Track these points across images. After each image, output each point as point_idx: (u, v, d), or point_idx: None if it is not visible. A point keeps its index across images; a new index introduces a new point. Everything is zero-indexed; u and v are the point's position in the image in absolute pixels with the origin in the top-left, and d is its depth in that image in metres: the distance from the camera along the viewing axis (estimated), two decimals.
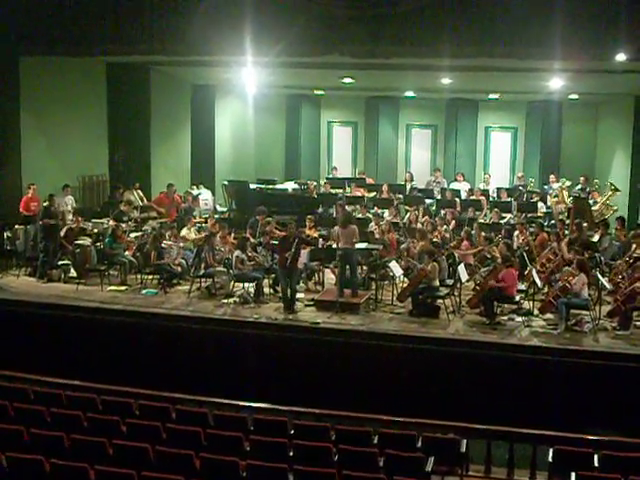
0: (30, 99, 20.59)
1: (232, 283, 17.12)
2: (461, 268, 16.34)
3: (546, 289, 16.18)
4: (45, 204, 18.79)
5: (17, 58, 20.02)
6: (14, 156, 20.38)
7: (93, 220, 20.25)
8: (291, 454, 9.80)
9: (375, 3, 16.71)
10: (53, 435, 9.95)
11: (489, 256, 17.10)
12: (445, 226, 19.90)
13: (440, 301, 16.03)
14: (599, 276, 15.80)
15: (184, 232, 19.24)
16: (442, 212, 21.90)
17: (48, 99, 21.21)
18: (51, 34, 18.68)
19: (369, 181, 25.86)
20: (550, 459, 10.01)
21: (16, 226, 19.30)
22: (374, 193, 24.15)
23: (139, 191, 22.83)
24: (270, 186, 25.35)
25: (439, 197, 23.71)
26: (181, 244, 18.43)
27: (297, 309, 16.15)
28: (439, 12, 16.50)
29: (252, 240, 18.37)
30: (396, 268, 16.47)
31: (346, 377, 14.49)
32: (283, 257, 15.99)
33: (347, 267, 16.61)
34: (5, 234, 19.01)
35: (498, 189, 24.06)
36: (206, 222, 21.05)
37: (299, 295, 16.71)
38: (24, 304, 16.70)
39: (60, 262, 18.47)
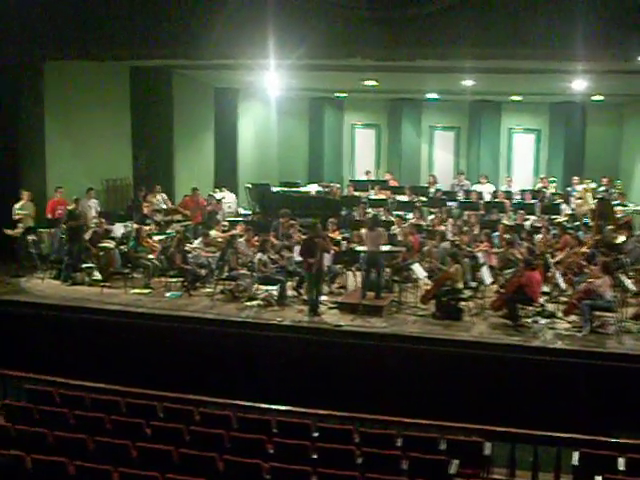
0: (55, 103, 20.78)
1: (255, 286, 17.15)
2: (484, 270, 16.30)
3: (570, 291, 16.11)
4: (70, 207, 18.90)
5: (42, 62, 20.20)
6: (39, 160, 20.56)
7: (118, 224, 20.33)
8: (314, 457, 9.80)
9: (397, 5, 16.68)
10: (77, 437, 9.99)
11: (513, 258, 17.04)
12: (467, 227, 19.86)
13: (463, 303, 16.00)
14: (623, 278, 15.72)
15: (212, 234, 19.29)
16: (465, 215, 21.86)
17: (72, 103, 21.38)
18: (75, 39, 18.79)
19: (393, 183, 25.84)
20: (575, 462, 9.95)
21: (41, 229, 19.41)
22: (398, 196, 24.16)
23: (163, 194, 22.93)
24: (293, 189, 25.40)
25: (462, 199, 23.67)
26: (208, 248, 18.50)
27: (320, 312, 16.15)
28: (461, 14, 16.45)
29: (276, 243, 18.42)
30: (419, 270, 16.46)
31: (369, 380, 14.47)
32: (307, 261, 16.01)
33: (373, 270, 16.60)
34: (30, 237, 19.12)
35: (522, 191, 24.00)
36: (230, 225, 21.09)
37: (322, 298, 16.69)
38: (49, 307, 16.79)
39: (84, 265, 18.56)
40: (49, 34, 18.83)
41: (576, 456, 9.98)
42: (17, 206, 19.20)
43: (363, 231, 17.05)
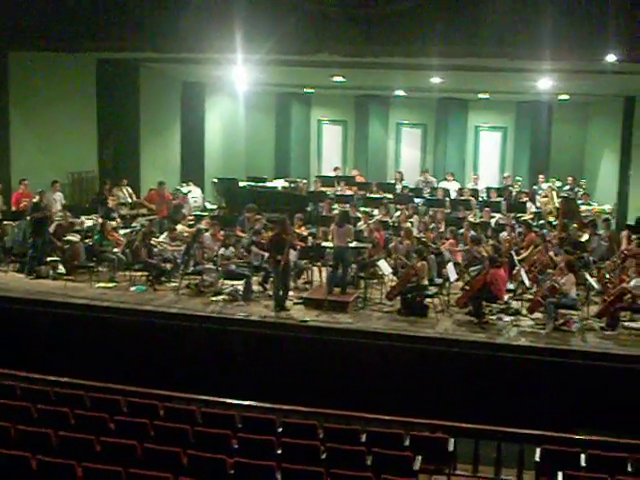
0: (19, 95, 20.59)
1: (221, 281, 17.12)
2: (450, 267, 16.37)
3: (534, 289, 16.21)
4: (35, 200, 18.76)
5: (6, 53, 20.01)
6: (3, 152, 20.38)
7: (83, 217, 20.21)
8: (279, 452, 9.81)
9: (366, 2, 16.71)
10: (40, 432, 9.92)
11: (478, 256, 17.13)
12: (434, 224, 19.95)
13: (429, 300, 16.05)
14: (587, 276, 15.85)
15: (179, 229, 19.21)
16: (431, 211, 21.95)
17: (38, 95, 21.17)
18: (41, 29, 18.61)
19: (359, 179, 25.88)
20: (537, 458, 10.03)
21: (5, 222, 19.24)
22: (364, 192, 24.20)
23: (128, 188, 22.82)
24: (260, 184, 25.37)
25: (429, 196, 23.75)
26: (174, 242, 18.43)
27: (288, 307, 16.13)
28: (429, 12, 16.50)
29: (244, 238, 18.40)
30: (385, 267, 16.50)
31: (334, 375, 14.48)
32: (274, 257, 15.98)
33: (339, 266, 16.61)
34: None
35: (488, 189, 24.12)
36: (195, 219, 21.04)
37: (289, 293, 16.67)
38: (12, 300, 16.65)
39: (49, 258, 18.42)
40: (13, 25, 18.65)
41: (538, 452, 10.06)
42: None
43: (332, 227, 17.03)
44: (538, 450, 10.09)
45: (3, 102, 20.31)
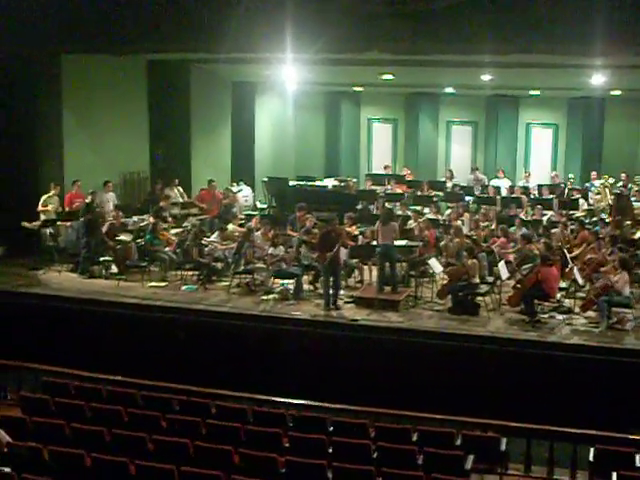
0: (72, 97, 20.84)
1: (272, 280, 17.17)
2: (501, 265, 16.25)
3: (588, 287, 16.03)
4: (88, 200, 18.96)
5: (59, 56, 20.25)
6: (58, 153, 20.63)
7: (135, 217, 20.40)
8: (330, 451, 9.82)
9: (415, 0, 16.65)
10: (94, 430, 10.04)
11: (530, 254, 16.97)
12: (487, 222, 19.81)
13: (480, 298, 15.96)
14: None
15: (230, 228, 19.28)
16: (482, 209, 21.78)
17: (90, 97, 21.42)
18: (93, 32, 18.81)
19: (409, 177, 25.77)
20: (591, 458, 9.93)
21: (59, 222, 19.47)
22: (414, 190, 24.12)
23: (179, 187, 22.98)
24: (310, 183, 25.38)
25: (479, 194, 23.59)
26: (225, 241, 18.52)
27: (339, 306, 16.13)
28: (479, 8, 16.36)
29: (295, 237, 18.42)
30: (436, 265, 16.43)
31: (385, 374, 14.46)
32: (324, 255, 15.99)
33: (387, 264, 16.59)
34: (48, 230, 19.19)
35: (539, 186, 23.88)
36: (246, 219, 21.12)
37: (341, 292, 16.66)
38: (66, 300, 16.86)
39: (102, 258, 18.62)
40: (66, 28, 18.84)
41: (592, 452, 9.96)
42: (44, 197, 19.30)
43: (377, 225, 16.99)
44: (592, 450, 9.99)
45: (57, 104, 20.58)
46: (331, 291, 16.20)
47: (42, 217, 19.19)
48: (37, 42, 19.03)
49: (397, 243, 16.82)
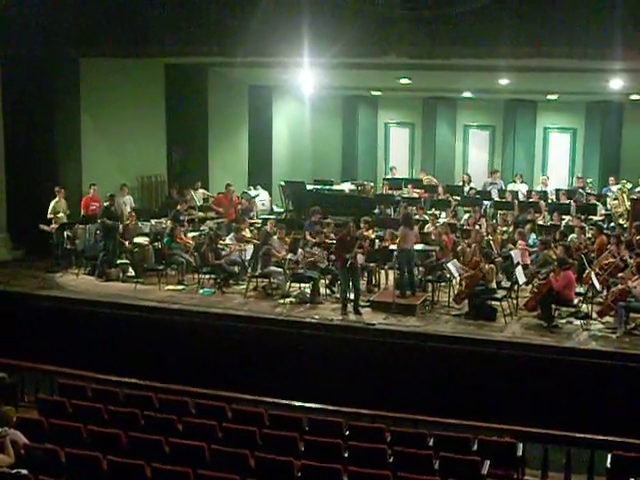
0: (90, 100, 20.96)
1: (289, 283, 17.17)
2: (518, 270, 16.20)
3: (605, 292, 15.96)
4: (105, 204, 19.03)
5: (77, 59, 20.35)
6: (75, 156, 20.76)
7: (152, 221, 20.46)
8: (346, 455, 9.80)
9: (433, 4, 16.64)
10: (110, 432, 10.07)
11: (549, 260, 16.89)
12: (505, 227, 19.76)
13: (497, 303, 15.91)
14: None
15: (245, 234, 19.29)
16: (499, 214, 21.71)
17: (108, 100, 21.53)
18: (111, 36, 18.94)
19: (427, 182, 25.73)
20: (608, 464, 9.87)
21: (76, 225, 19.55)
22: (431, 194, 24.09)
23: (203, 190, 23.09)
24: (327, 187, 25.37)
25: (497, 199, 23.53)
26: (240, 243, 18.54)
27: (360, 310, 16.10)
28: (497, 12, 16.38)
29: (310, 239, 18.42)
30: (454, 269, 16.38)
31: (402, 379, 14.44)
32: (343, 258, 15.97)
33: (408, 268, 16.56)
34: (65, 233, 19.26)
35: (557, 191, 23.80)
36: (263, 223, 21.13)
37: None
38: (83, 302, 16.92)
39: (119, 261, 18.68)
40: (84, 31, 19.00)
41: (610, 458, 9.90)
42: (52, 204, 19.38)
43: (401, 229, 16.96)
44: (609, 456, 9.93)
45: (75, 108, 20.69)
46: (351, 296, 16.20)
47: (57, 221, 19.23)
48: (56, 46, 19.19)
49: (415, 247, 16.82)
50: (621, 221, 20.68)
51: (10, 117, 20.00)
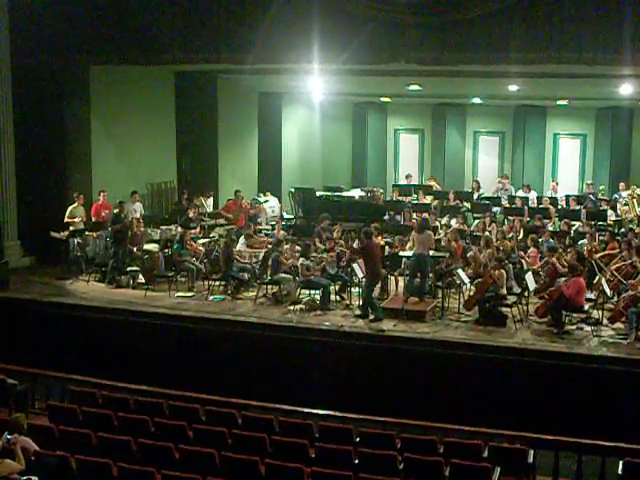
0: (100, 107, 21.04)
1: (299, 290, 17.17)
2: (529, 276, 16.17)
3: (616, 298, 15.91)
4: (115, 211, 19.07)
5: (87, 67, 20.42)
6: (85, 163, 20.82)
7: (162, 227, 20.52)
8: (356, 462, 9.79)
9: (442, 10, 16.65)
10: (121, 439, 10.08)
11: (560, 268, 16.84)
12: (513, 234, 19.72)
13: (507, 309, 15.88)
14: None
15: (254, 240, 19.32)
16: (509, 220, 21.67)
17: (118, 107, 21.62)
18: (120, 44, 19.01)
19: (436, 188, 25.73)
20: (620, 472, 9.84)
21: (86, 232, 19.59)
22: (440, 200, 24.08)
23: (210, 198, 23.16)
24: (337, 193, 25.39)
25: (506, 205, 23.49)
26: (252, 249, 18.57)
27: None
28: (506, 19, 16.39)
29: (320, 246, 18.42)
30: (463, 276, 16.36)
31: (412, 385, 14.42)
32: (378, 274, 16.18)
33: (418, 274, 16.54)
34: (75, 240, 19.30)
35: (567, 196, 23.76)
36: (273, 229, 21.17)
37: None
38: (93, 309, 16.95)
39: (129, 268, 18.71)
40: (94, 39, 19.08)
41: (621, 465, 9.87)
42: (70, 208, 19.44)
43: (412, 234, 16.96)
44: (621, 463, 9.90)
45: (85, 115, 20.77)
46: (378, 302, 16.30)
47: (70, 228, 19.28)
48: (66, 53, 19.29)
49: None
50: (631, 226, 20.64)
51: (21, 125, 20.04)
